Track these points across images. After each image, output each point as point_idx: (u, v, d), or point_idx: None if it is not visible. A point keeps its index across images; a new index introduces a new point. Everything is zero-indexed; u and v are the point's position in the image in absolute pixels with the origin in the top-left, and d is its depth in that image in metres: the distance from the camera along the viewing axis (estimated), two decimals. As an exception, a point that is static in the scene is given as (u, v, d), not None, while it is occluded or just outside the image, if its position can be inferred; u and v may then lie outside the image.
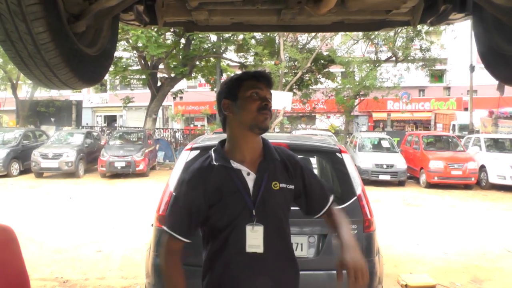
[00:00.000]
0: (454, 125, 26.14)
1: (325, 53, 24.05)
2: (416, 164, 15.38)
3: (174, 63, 20.44)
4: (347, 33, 25.22)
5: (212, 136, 4.94)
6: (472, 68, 22.57)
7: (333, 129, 28.02)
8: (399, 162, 14.56)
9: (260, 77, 1.86)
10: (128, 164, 15.25)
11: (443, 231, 8.36)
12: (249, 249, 1.80)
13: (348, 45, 25.36)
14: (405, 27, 22.64)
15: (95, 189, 12.99)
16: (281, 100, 17.51)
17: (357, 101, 25.21)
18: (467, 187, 14.25)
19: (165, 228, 1.88)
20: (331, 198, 2.02)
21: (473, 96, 24.82)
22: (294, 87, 23.20)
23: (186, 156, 3.66)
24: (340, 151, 3.73)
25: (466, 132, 22.43)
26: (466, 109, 27.26)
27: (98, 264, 5.95)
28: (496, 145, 15.90)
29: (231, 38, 20.89)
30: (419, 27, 23.36)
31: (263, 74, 1.89)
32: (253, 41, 21.32)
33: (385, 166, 14.37)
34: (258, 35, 22.11)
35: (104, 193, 12.26)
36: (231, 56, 23.70)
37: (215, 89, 22.66)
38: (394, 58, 25.08)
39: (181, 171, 3.55)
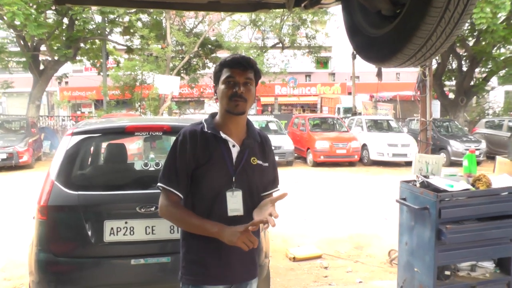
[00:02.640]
0: (339, 108, 27.56)
1: (212, 38, 24.11)
2: (303, 144, 16.02)
3: (57, 44, 19.12)
4: (234, 19, 25.53)
5: (94, 121, 4.76)
6: (354, 56, 23.97)
7: (218, 113, 28.19)
8: (286, 143, 15.03)
9: (234, 64, 2.05)
10: (10, 155, 13.95)
11: (329, 205, 8.84)
12: (230, 213, 2.03)
13: (235, 30, 25.65)
14: (288, 13, 23.51)
15: (-31, 183, 11.86)
16: (169, 85, 17.26)
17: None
18: (351, 164, 15.25)
19: (161, 185, 2.04)
20: (277, 188, 2.27)
21: (355, 81, 26.42)
22: (182, 71, 22.97)
23: (67, 142, 3.45)
24: None
25: (349, 114, 23.86)
26: (349, 93, 28.89)
27: (-25, 268, 5.37)
28: (376, 125, 17.23)
29: (117, 19, 20.08)
30: (304, 16, 24.42)
31: (237, 60, 2.06)
32: (139, 24, 20.65)
33: (273, 147, 14.71)
34: (144, 17, 21.49)
35: (-19, 187, 11.25)
36: (117, 38, 22.79)
37: (101, 73, 21.69)
38: (280, 45, 25.88)
39: (62, 159, 3.35)
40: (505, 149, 14.20)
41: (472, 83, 19.58)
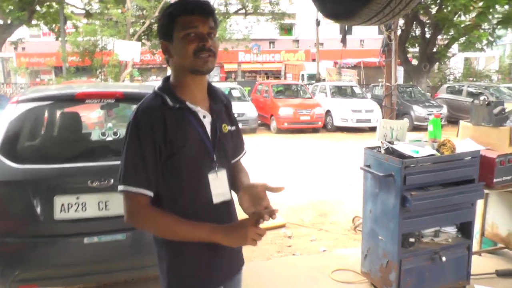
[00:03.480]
0: (303, 75, 27.51)
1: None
2: (266, 111, 15.87)
3: (10, 7, 18.10)
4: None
5: (43, 87, 4.45)
6: (318, 23, 23.79)
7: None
8: (250, 110, 14.86)
9: (193, 10, 1.60)
10: (-41, 125, 13.32)
11: (293, 172, 8.80)
12: (216, 199, 1.67)
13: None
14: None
15: None
16: (129, 51, 16.73)
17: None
18: (315, 130, 15.26)
19: (127, 188, 1.57)
20: (245, 151, 1.97)
21: (319, 48, 26.32)
22: (143, 37, 22.30)
23: (11, 110, 3.15)
24: None
25: (313, 81, 23.81)
26: (313, 60, 28.83)
27: None
28: (340, 91, 17.23)
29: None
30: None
31: (195, 4, 1.61)
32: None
33: (236, 115, 14.37)
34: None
35: None
36: (75, 2, 21.80)
37: (59, 39, 20.77)
38: (244, 11, 25.37)
39: (6, 129, 3.06)
40: (465, 113, 14.48)
41: (434, 49, 19.85)
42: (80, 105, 4.16)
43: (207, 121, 1.68)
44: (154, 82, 19.45)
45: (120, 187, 1.59)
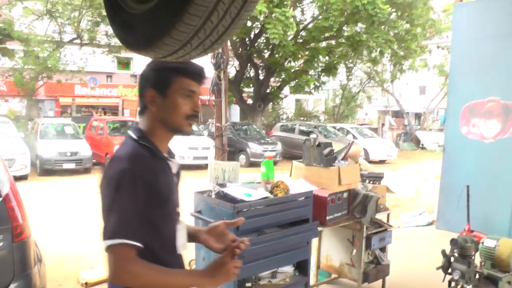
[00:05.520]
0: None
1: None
2: (101, 149, 15.09)
3: None
4: (28, 6, 22.81)
5: None
6: (153, 59, 23.64)
7: (13, 114, 24.81)
8: (83, 149, 14.06)
9: (196, 76, 1.63)
10: None
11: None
12: (179, 250, 1.68)
13: (29, 19, 22.95)
14: (88, 7, 21.75)
15: None
16: None
17: (40, 83, 23.19)
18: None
19: (121, 241, 1.43)
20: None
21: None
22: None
23: None
24: None
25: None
26: (151, 96, 28.51)
27: None
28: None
29: None
30: (104, 12, 22.92)
31: (200, 72, 1.64)
32: None
33: (69, 154, 13.61)
34: None
35: None
36: None
37: None
38: (79, 41, 24.02)
39: None
40: (298, 149, 15.41)
41: (268, 90, 21.03)
42: None
43: (173, 174, 1.68)
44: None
45: (115, 241, 1.44)
